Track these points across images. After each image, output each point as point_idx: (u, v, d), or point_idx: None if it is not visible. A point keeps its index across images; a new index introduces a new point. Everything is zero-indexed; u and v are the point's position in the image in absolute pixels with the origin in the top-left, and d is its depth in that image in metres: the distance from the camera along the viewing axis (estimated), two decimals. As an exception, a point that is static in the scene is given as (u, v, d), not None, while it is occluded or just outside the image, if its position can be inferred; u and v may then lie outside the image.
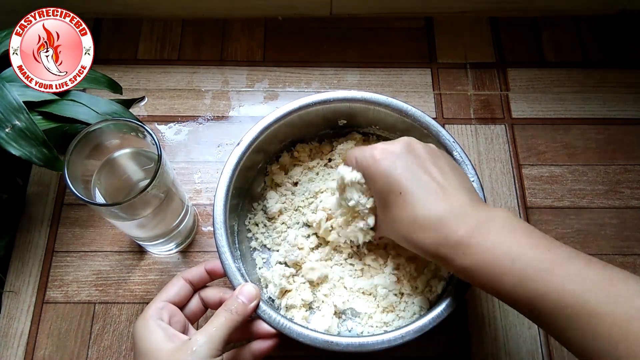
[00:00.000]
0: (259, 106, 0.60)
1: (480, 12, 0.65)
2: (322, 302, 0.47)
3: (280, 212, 0.51)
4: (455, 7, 0.64)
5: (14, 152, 0.42)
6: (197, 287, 0.42)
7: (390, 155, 0.39)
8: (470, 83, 0.62)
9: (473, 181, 0.44)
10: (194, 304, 0.42)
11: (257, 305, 0.40)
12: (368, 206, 0.41)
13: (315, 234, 0.50)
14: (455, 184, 0.38)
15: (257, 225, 0.51)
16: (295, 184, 0.53)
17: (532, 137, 0.58)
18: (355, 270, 0.48)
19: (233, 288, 0.41)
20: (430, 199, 0.36)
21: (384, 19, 0.65)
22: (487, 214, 0.35)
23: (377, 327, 0.46)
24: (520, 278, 0.32)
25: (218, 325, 0.37)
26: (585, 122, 0.59)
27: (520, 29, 0.65)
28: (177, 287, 0.41)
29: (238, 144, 0.47)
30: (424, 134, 0.48)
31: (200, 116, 0.60)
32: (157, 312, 0.38)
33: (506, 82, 0.62)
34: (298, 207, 0.51)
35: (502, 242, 0.33)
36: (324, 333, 0.40)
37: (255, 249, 0.50)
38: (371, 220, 0.42)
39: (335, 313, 0.46)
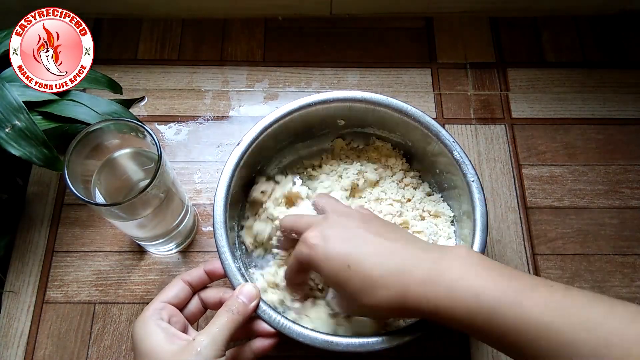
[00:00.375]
0: (259, 106, 0.60)
1: (480, 12, 0.65)
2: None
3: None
4: (455, 7, 0.64)
5: (14, 152, 0.42)
6: (196, 289, 0.42)
7: (323, 238, 0.37)
8: (470, 83, 0.62)
9: (473, 181, 0.44)
10: (194, 304, 0.42)
11: (258, 305, 0.40)
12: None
13: None
14: (398, 237, 0.38)
15: (257, 225, 0.51)
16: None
17: (532, 137, 0.58)
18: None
19: (233, 288, 0.41)
20: (380, 259, 0.36)
21: (384, 19, 0.65)
22: (440, 253, 0.35)
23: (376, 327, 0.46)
24: (488, 313, 0.31)
25: (220, 326, 0.37)
26: (585, 122, 0.59)
27: (520, 29, 0.65)
28: (176, 288, 0.41)
29: (238, 144, 0.47)
30: (424, 133, 0.48)
31: (200, 116, 0.59)
32: (156, 312, 0.38)
33: (506, 82, 0.62)
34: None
35: (462, 277, 0.33)
36: (324, 333, 0.40)
37: (255, 249, 0.50)
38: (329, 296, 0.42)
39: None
